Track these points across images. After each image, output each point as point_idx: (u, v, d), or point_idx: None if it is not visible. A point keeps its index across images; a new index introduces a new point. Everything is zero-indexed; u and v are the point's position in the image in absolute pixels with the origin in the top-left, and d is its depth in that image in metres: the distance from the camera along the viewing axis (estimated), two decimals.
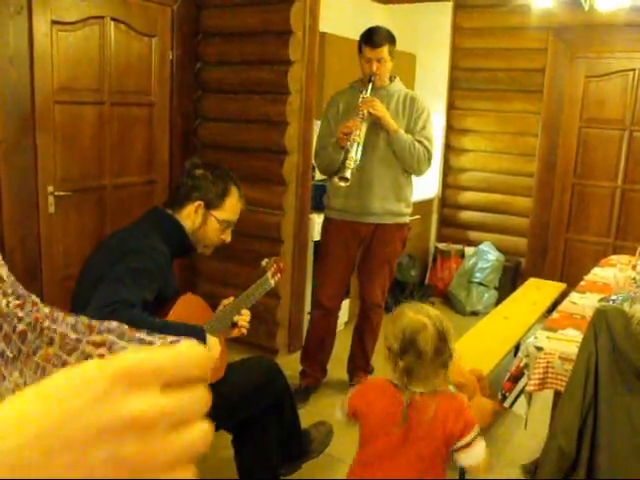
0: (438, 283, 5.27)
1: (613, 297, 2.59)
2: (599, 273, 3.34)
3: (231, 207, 2.04)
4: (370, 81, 3.09)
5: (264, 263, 2.25)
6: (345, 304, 4.05)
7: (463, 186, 5.48)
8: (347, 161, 2.92)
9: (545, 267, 5.18)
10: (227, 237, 2.10)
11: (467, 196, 5.47)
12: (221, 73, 3.81)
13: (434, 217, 5.58)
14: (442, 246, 5.40)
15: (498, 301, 4.96)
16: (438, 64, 5.37)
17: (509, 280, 5.10)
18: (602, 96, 4.82)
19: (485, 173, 5.35)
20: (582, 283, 3.15)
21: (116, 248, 1.82)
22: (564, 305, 2.69)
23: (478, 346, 2.94)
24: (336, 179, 2.97)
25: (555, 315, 2.55)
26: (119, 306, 1.65)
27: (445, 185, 5.55)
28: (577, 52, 4.84)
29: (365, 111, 3.02)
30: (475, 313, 4.91)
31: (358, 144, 2.98)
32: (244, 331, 2.05)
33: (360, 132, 2.99)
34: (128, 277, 1.73)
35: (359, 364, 3.52)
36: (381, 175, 3.18)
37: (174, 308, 1.90)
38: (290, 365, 3.53)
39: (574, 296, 2.83)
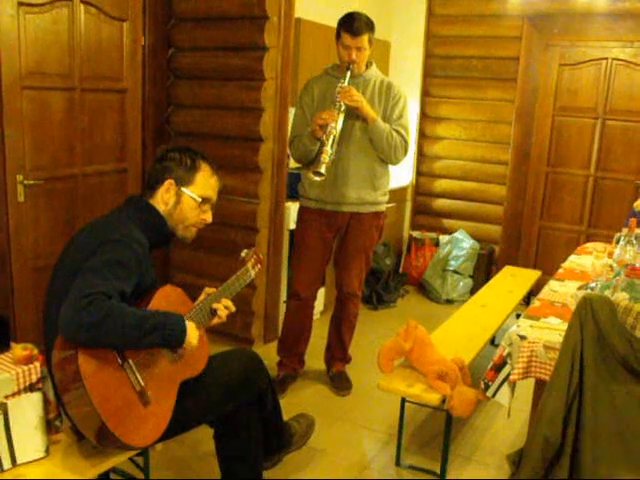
0: (412, 271, 5.28)
1: (592, 284, 2.60)
2: (576, 260, 3.37)
3: (204, 182, 1.96)
4: (348, 69, 3.03)
5: (243, 254, 2.20)
6: (321, 293, 4.02)
7: (437, 174, 5.47)
8: (322, 155, 2.87)
9: (519, 254, 5.22)
10: (207, 217, 2.02)
11: (441, 184, 5.47)
12: (194, 59, 3.72)
13: (408, 205, 5.58)
14: (416, 234, 5.40)
15: (473, 289, 5.00)
16: (413, 51, 5.34)
17: (483, 268, 5.12)
18: (575, 84, 4.85)
19: (459, 161, 5.35)
20: (560, 271, 3.16)
21: (92, 239, 1.75)
22: (544, 293, 2.69)
23: (457, 335, 2.93)
24: (310, 174, 2.93)
25: (536, 303, 2.55)
26: (97, 297, 1.60)
27: (419, 173, 5.54)
28: (551, 40, 4.86)
29: (342, 103, 2.97)
30: (450, 301, 4.92)
31: (334, 137, 2.92)
32: (224, 318, 1.99)
33: (336, 124, 2.93)
34: (105, 268, 1.66)
35: (337, 355, 3.49)
36: (357, 164, 3.14)
37: (153, 300, 1.84)
38: (266, 355, 3.48)
39: (553, 284, 2.84)
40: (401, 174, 5.32)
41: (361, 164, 3.14)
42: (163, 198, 1.92)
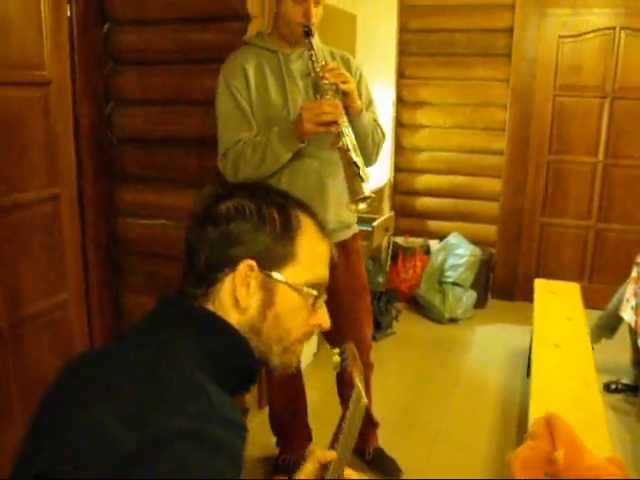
0: (401, 285, 4.47)
1: None
2: None
3: (311, 254, 0.96)
4: (309, 35, 2.05)
5: (337, 357, 1.28)
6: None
7: (419, 169, 4.69)
8: (360, 172, 1.95)
9: (519, 258, 4.55)
10: (323, 318, 1.01)
11: (424, 180, 4.69)
12: (142, 36, 2.69)
13: (386, 207, 4.76)
14: (401, 241, 4.60)
15: (477, 303, 4.28)
16: (384, 25, 4.49)
17: (483, 275, 4.41)
18: (579, 59, 4.20)
19: (444, 152, 4.59)
20: None
21: (120, 427, 0.77)
22: None
23: (562, 403, 2.15)
24: (352, 205, 1.98)
25: None
26: None
27: (398, 168, 4.73)
28: (548, 7, 4.16)
29: (332, 84, 2.03)
30: (454, 320, 4.17)
31: (351, 140, 2.01)
32: None
33: (344, 119, 2.02)
34: None
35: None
36: (334, 174, 2.19)
37: None
38: (264, 426, 2.64)
39: None
40: (375, 172, 4.48)
41: (338, 174, 2.22)
42: (235, 298, 0.92)
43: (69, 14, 2.50)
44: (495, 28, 4.28)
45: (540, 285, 3.44)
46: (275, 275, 0.92)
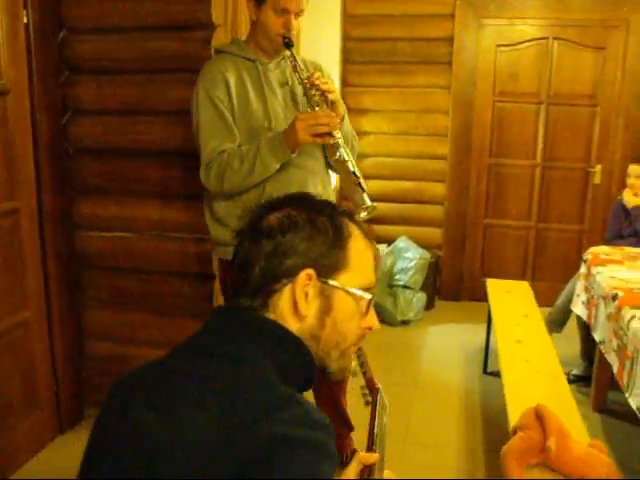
0: None
1: None
2: (617, 275, 2.81)
3: (361, 259, 0.99)
4: (290, 47, 2.07)
5: (355, 364, 1.30)
6: None
7: (365, 174, 4.64)
8: (361, 181, 2.01)
9: (464, 259, 4.69)
10: (373, 320, 1.03)
11: (371, 186, 4.69)
12: (101, 45, 2.62)
13: None
14: None
15: (427, 304, 4.39)
16: (327, 33, 4.54)
17: (430, 277, 4.53)
18: (515, 67, 4.39)
19: (389, 158, 4.69)
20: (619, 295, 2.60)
21: (212, 442, 0.75)
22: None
23: (535, 394, 2.24)
24: (361, 213, 2.02)
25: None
26: None
27: None
28: (486, 18, 4.34)
29: (321, 95, 2.08)
30: (406, 322, 4.26)
31: (347, 151, 2.07)
32: None
33: (338, 131, 2.06)
34: None
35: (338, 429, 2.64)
36: (316, 184, 2.25)
37: None
38: None
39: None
40: None
41: (318, 183, 2.26)
42: (295, 307, 0.93)
43: (26, 20, 2.41)
44: (436, 37, 4.41)
45: (492, 285, 3.57)
46: (332, 282, 0.94)
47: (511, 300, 3.32)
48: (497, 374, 3.36)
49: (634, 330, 2.24)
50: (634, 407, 2.20)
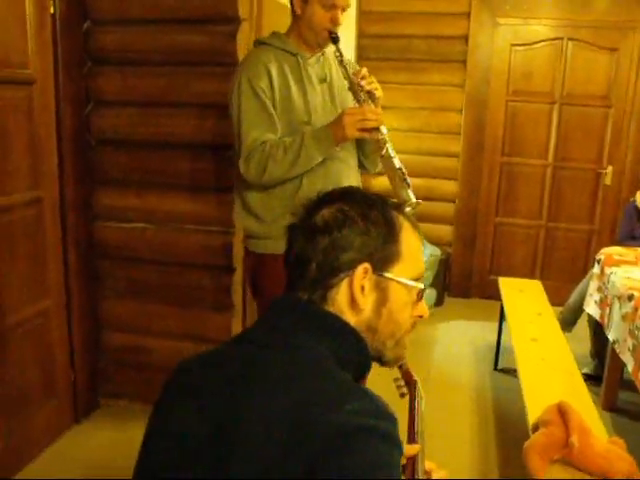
0: None
1: None
2: (632, 276, 2.83)
3: (411, 251, 1.01)
4: (336, 42, 2.07)
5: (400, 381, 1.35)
6: None
7: (377, 171, 4.77)
8: (406, 177, 2.03)
9: (474, 256, 4.72)
10: (423, 308, 1.07)
11: (381, 182, 4.78)
12: (125, 36, 2.63)
13: None
14: None
15: (437, 300, 4.42)
16: (342, 30, 4.51)
17: (440, 274, 4.55)
18: (529, 67, 4.41)
19: (402, 155, 4.55)
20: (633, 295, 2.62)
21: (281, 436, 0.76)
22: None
23: (552, 392, 2.27)
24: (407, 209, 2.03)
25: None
26: None
27: None
28: (501, 17, 4.35)
29: (366, 91, 2.11)
30: None
31: (392, 147, 2.09)
32: None
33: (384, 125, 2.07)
34: None
35: None
36: (349, 176, 2.24)
37: None
38: None
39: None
40: None
41: (350, 175, 2.25)
42: (353, 300, 0.95)
43: (52, 11, 2.43)
44: (451, 35, 4.43)
45: (505, 283, 3.59)
46: (387, 275, 0.96)
47: (524, 298, 3.34)
48: (508, 371, 3.41)
49: None
50: None
